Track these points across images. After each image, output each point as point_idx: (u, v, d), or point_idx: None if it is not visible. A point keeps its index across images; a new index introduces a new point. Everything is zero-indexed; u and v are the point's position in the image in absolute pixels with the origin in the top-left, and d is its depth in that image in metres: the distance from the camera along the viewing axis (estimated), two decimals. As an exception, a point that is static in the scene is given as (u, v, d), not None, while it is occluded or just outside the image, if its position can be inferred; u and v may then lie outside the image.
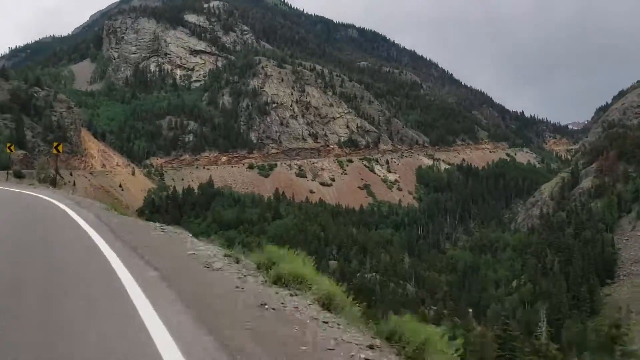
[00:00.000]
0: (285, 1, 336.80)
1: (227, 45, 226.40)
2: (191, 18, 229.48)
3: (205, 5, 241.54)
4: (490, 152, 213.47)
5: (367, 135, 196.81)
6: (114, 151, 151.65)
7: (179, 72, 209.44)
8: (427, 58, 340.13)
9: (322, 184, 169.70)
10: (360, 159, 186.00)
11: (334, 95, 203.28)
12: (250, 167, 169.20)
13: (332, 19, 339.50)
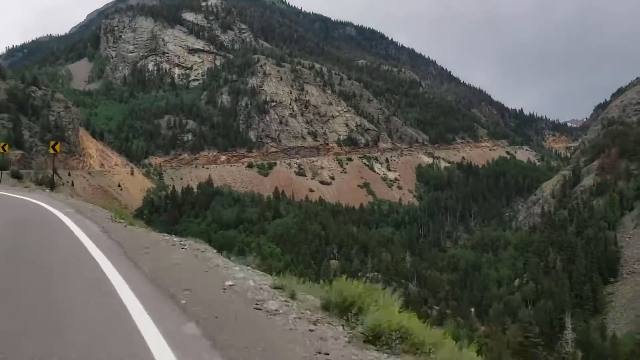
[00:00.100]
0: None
1: (225, 43, 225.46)
2: (189, 16, 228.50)
3: (203, 4, 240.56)
4: (490, 150, 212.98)
5: (367, 134, 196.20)
6: (113, 151, 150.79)
7: (177, 71, 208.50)
8: (425, 56, 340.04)
9: (322, 182, 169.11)
10: (359, 158, 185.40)
11: (333, 94, 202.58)
12: (250, 166, 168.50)
13: (330, 17, 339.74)
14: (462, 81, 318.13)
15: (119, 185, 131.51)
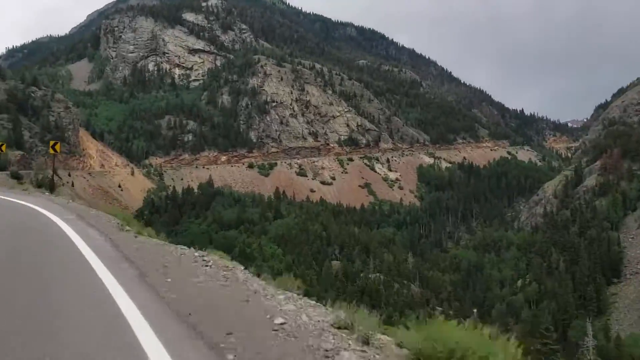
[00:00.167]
0: (283, 0, 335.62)
1: (225, 44, 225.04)
2: (189, 17, 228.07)
3: (203, 4, 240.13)
4: (491, 150, 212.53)
5: (368, 134, 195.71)
6: (113, 151, 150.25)
7: (177, 71, 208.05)
8: (426, 56, 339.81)
9: (323, 182, 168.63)
10: (360, 158, 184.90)
11: (334, 94, 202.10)
12: (250, 166, 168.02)
13: (330, 18, 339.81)
14: (462, 81, 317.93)
15: (120, 186, 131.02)
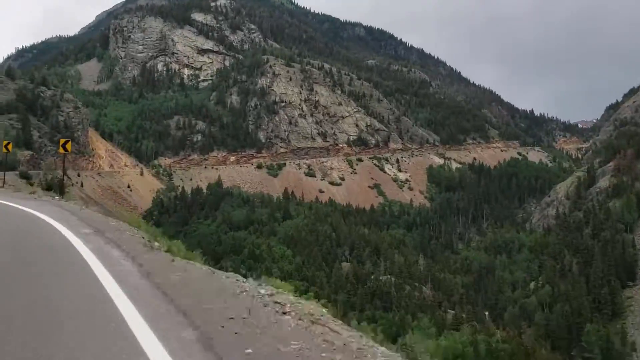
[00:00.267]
0: (291, 0, 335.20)
1: (234, 44, 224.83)
2: (198, 17, 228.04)
3: (212, 4, 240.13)
4: (501, 151, 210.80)
5: (377, 134, 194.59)
6: (122, 151, 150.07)
7: (186, 71, 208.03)
8: (435, 56, 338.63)
9: (332, 183, 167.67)
10: (370, 158, 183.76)
11: (343, 94, 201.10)
12: (259, 166, 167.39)
13: (339, 18, 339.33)
14: (471, 81, 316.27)
15: (129, 186, 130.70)
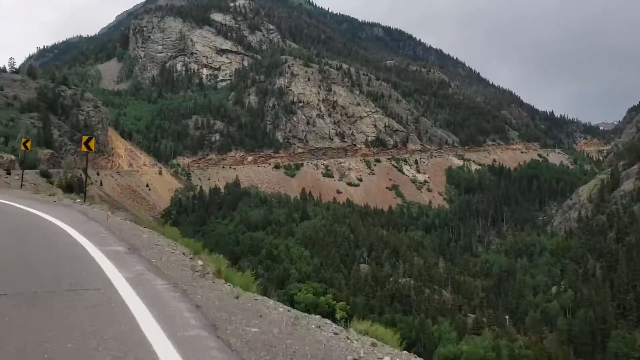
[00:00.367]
0: (310, 0, 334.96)
1: (253, 44, 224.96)
2: (217, 17, 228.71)
3: (231, 5, 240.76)
4: (521, 152, 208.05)
5: (395, 135, 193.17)
6: (141, 151, 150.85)
7: (205, 71, 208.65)
8: (453, 57, 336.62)
9: (349, 184, 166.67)
10: (388, 159, 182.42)
11: (361, 94, 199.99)
12: (277, 166, 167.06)
13: (357, 18, 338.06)
14: (491, 82, 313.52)
15: (147, 185, 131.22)
